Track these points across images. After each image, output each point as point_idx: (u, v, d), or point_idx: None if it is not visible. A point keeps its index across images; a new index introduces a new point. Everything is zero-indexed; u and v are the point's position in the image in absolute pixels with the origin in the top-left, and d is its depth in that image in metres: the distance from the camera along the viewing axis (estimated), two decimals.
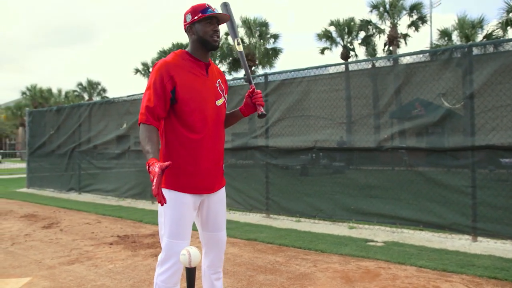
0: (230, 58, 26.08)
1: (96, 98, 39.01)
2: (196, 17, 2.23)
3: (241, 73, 27.42)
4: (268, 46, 25.52)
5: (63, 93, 43.54)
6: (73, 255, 4.77)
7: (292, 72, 7.03)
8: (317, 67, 6.85)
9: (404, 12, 23.39)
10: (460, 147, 5.25)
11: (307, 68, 6.88)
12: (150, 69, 30.94)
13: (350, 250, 4.74)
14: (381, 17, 23.77)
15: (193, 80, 2.24)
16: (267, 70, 24.75)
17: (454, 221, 5.24)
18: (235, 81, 7.99)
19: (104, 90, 41.04)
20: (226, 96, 2.42)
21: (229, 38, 23.19)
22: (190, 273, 1.79)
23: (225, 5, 2.49)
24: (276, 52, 25.71)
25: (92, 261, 4.50)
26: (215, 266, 2.45)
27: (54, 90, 43.81)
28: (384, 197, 5.99)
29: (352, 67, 6.89)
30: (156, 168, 1.88)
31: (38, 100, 41.87)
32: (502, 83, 4.98)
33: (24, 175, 13.88)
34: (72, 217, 7.44)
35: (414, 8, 23.15)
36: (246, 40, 25.07)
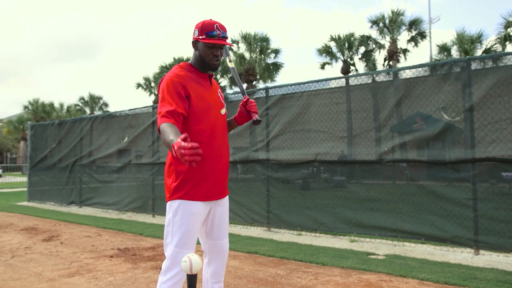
0: (230, 74, 26.28)
1: (98, 113, 39.15)
2: (201, 37, 2.26)
3: None
4: (269, 61, 25.70)
5: (65, 107, 43.81)
6: (73, 268, 4.75)
7: (293, 86, 7.08)
8: (317, 81, 6.90)
9: (404, 27, 23.65)
10: (460, 159, 5.26)
11: (307, 82, 6.93)
12: (152, 84, 31.42)
13: (352, 263, 4.71)
14: (381, 32, 24.06)
15: (201, 90, 2.30)
16: (268, 85, 24.89)
17: (456, 234, 5.22)
18: (236, 95, 8.04)
19: (106, 105, 41.24)
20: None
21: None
22: (191, 281, 1.79)
23: None
24: (277, 66, 25.87)
25: (92, 274, 4.48)
26: (218, 274, 2.46)
27: (56, 104, 44.10)
28: (386, 210, 5.97)
29: (352, 81, 6.95)
30: (175, 145, 1.68)
31: (40, 114, 42.07)
32: (501, 96, 5.02)
33: (25, 189, 13.87)
34: (72, 230, 7.42)
35: (414, 23, 23.41)
36: (247, 55, 25.30)
